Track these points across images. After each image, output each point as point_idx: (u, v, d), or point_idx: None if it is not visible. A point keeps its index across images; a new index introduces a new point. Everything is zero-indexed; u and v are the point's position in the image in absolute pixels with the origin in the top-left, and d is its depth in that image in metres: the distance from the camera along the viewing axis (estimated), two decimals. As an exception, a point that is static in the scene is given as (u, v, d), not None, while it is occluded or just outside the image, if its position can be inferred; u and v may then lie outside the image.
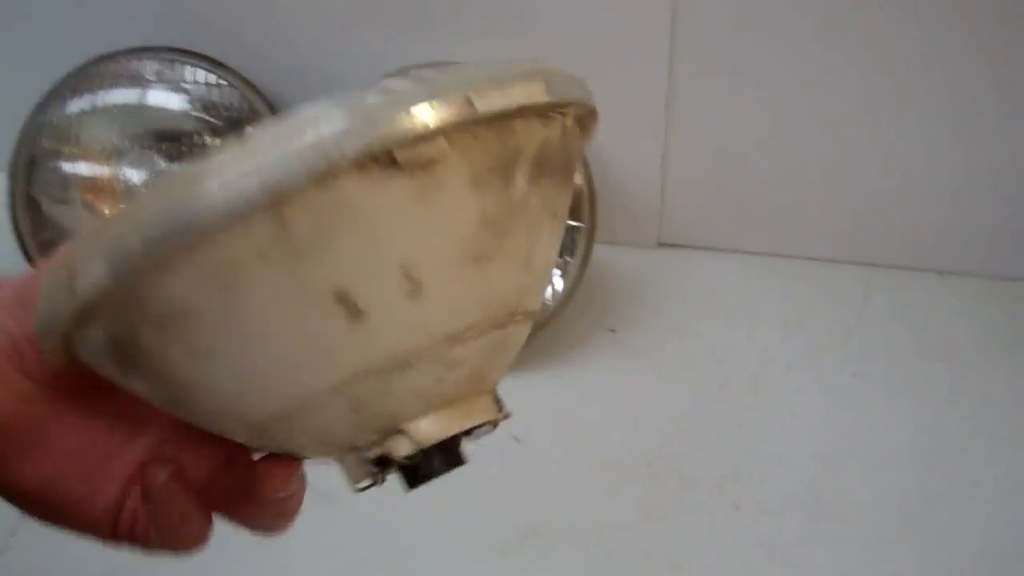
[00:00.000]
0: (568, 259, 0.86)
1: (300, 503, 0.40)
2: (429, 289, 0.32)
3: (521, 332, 0.39)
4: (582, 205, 0.86)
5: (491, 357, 0.37)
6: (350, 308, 0.32)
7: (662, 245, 0.97)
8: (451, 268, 0.33)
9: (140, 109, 0.91)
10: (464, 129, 0.32)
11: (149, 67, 0.91)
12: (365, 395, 0.34)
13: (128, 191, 0.92)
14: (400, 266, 0.32)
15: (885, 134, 0.89)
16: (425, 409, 0.35)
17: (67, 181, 0.92)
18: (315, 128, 0.30)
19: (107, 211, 0.92)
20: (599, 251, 0.89)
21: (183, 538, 0.38)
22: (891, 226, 0.94)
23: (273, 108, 0.92)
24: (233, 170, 0.29)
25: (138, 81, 0.91)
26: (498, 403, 0.39)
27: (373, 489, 0.36)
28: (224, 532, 0.39)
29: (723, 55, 0.88)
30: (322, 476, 0.39)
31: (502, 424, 0.46)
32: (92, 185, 0.92)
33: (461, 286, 0.33)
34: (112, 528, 0.39)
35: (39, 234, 0.91)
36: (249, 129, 0.30)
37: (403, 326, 0.33)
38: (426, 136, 0.31)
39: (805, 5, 0.85)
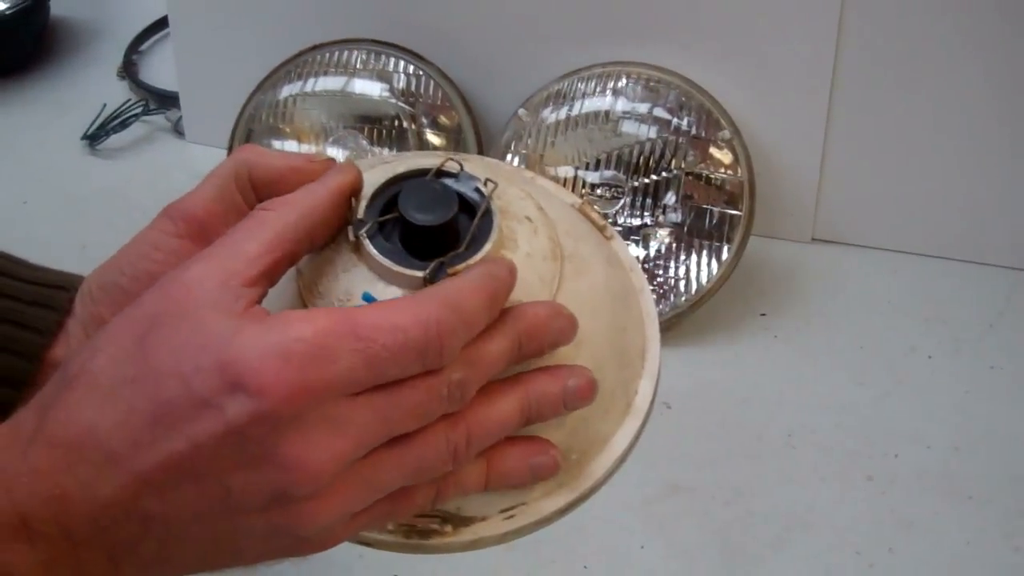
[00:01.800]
0: (724, 244, 0.93)
1: None
2: None
3: None
4: (741, 195, 0.93)
5: None
6: None
7: (815, 240, 1.03)
8: None
9: (346, 95, 1.02)
10: None
11: (356, 57, 1.02)
12: None
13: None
14: None
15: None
16: None
17: (278, 156, 1.03)
18: None
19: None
20: (754, 243, 0.96)
21: None
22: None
23: (464, 98, 1.01)
24: None
25: (345, 69, 1.02)
26: None
27: None
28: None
29: (888, 57, 0.94)
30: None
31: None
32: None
33: None
34: None
35: (252, 201, 1.03)
36: None
37: None
38: None
39: (968, 12, 0.91)
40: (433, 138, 1.01)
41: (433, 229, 0.44)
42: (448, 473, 0.44)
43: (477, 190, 0.47)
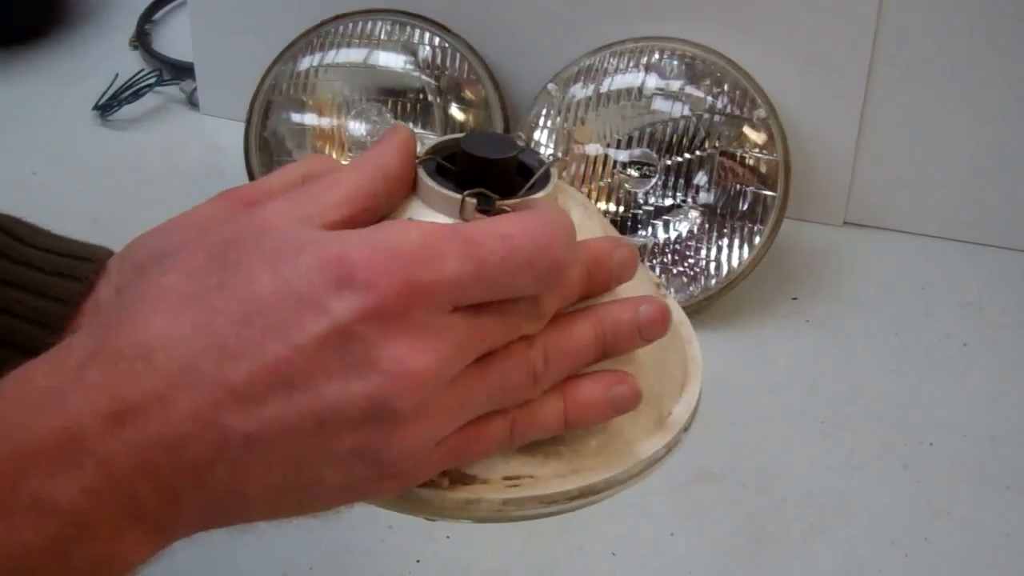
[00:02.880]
0: (756, 226, 0.91)
1: None
2: None
3: None
4: (776, 176, 0.91)
5: None
6: None
7: (848, 224, 1.01)
8: None
9: (369, 67, 0.99)
10: None
11: (380, 28, 1.00)
12: None
13: (351, 140, 1.01)
14: None
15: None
16: None
17: (297, 127, 1.01)
18: None
19: (333, 156, 1.01)
20: (787, 226, 0.94)
21: None
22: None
23: (491, 72, 0.99)
24: None
25: (369, 41, 1.00)
26: None
27: None
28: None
29: (927, 39, 0.93)
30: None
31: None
32: (320, 133, 1.01)
33: None
34: None
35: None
36: None
37: None
38: None
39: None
40: (458, 113, 0.99)
41: (489, 165, 0.43)
42: (524, 405, 0.42)
43: (540, 160, 0.46)
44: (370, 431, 0.37)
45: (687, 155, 0.92)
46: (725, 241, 0.92)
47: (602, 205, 0.94)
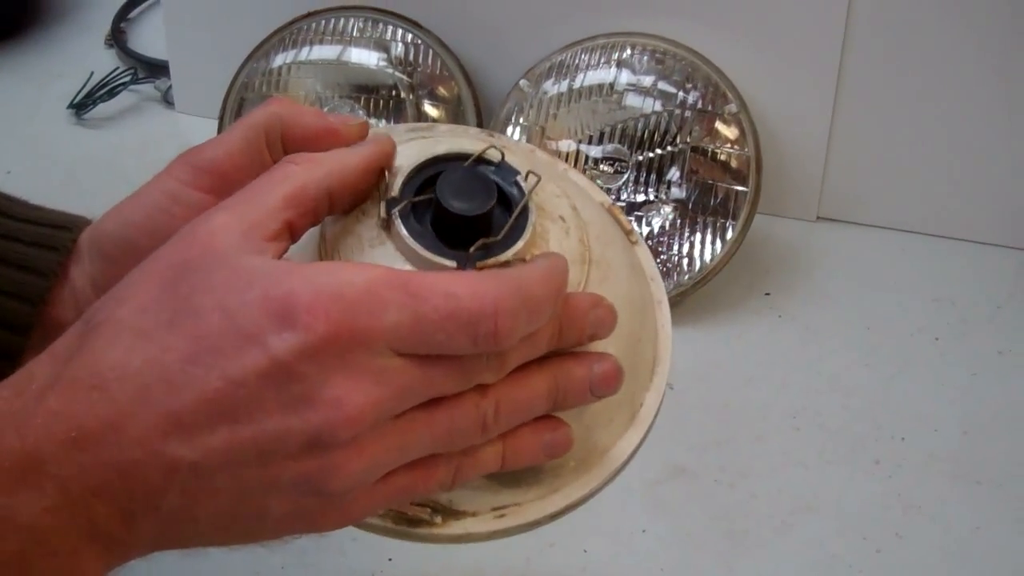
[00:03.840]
0: (729, 222, 0.91)
1: None
2: None
3: None
4: (748, 172, 0.91)
5: None
6: None
7: (821, 219, 1.01)
8: None
9: (342, 63, 0.99)
10: None
11: (352, 25, 1.00)
12: None
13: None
14: None
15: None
16: None
17: (272, 126, 1.01)
18: None
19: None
20: (759, 221, 0.94)
21: None
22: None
23: (463, 68, 0.99)
24: None
25: (341, 38, 1.00)
26: None
27: None
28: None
29: (898, 34, 0.93)
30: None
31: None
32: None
33: None
34: None
35: (243, 173, 1.01)
36: None
37: None
38: None
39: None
40: (431, 109, 0.98)
41: (468, 219, 0.43)
42: (468, 449, 0.43)
43: (516, 183, 0.46)
44: (310, 462, 0.39)
45: (659, 151, 0.92)
46: (698, 236, 0.92)
47: (574, 201, 0.93)
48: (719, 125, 0.92)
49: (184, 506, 0.39)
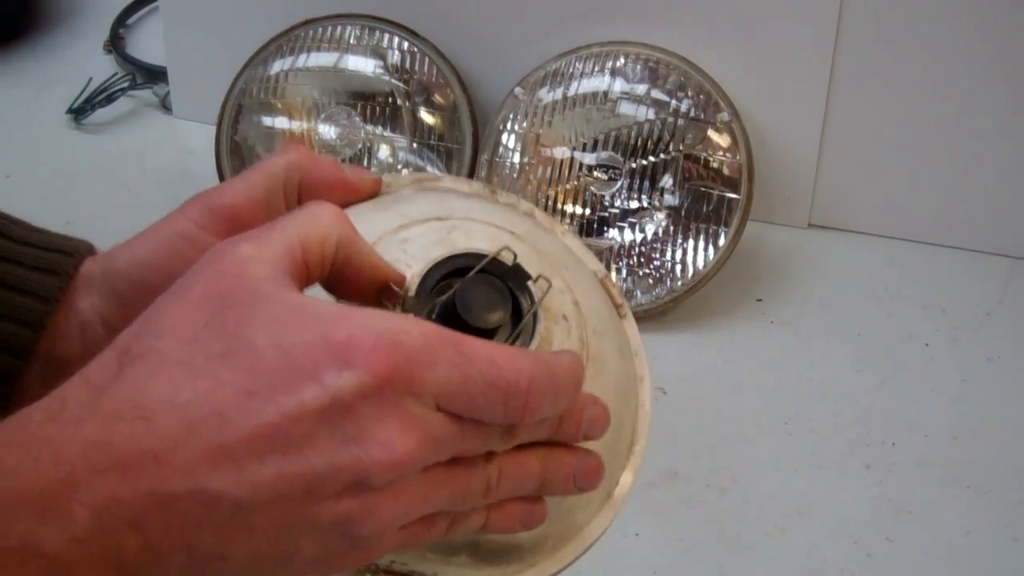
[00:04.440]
0: (721, 228, 0.92)
1: None
2: None
3: None
4: (740, 179, 0.92)
5: None
6: None
7: (812, 226, 1.02)
8: None
9: (339, 71, 1.00)
10: None
11: (349, 33, 1.01)
12: None
13: (321, 143, 1.01)
14: None
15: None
16: None
17: (268, 131, 1.02)
18: None
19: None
20: (751, 228, 0.95)
21: None
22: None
23: (459, 76, 1.00)
24: None
25: (338, 45, 1.00)
26: None
27: None
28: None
29: (888, 43, 0.94)
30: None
31: (650, 376, 0.54)
32: (290, 136, 1.02)
33: None
34: None
35: (241, 178, 1.01)
36: None
37: None
38: None
39: (970, 2, 0.90)
40: (427, 116, 0.99)
41: (483, 333, 0.44)
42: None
43: (528, 290, 0.47)
44: (351, 503, 0.39)
45: (652, 158, 0.93)
46: (690, 243, 0.93)
47: (569, 208, 0.94)
48: (711, 133, 0.93)
49: (217, 544, 0.39)
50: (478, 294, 0.45)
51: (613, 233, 0.94)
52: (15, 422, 0.38)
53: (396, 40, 1.00)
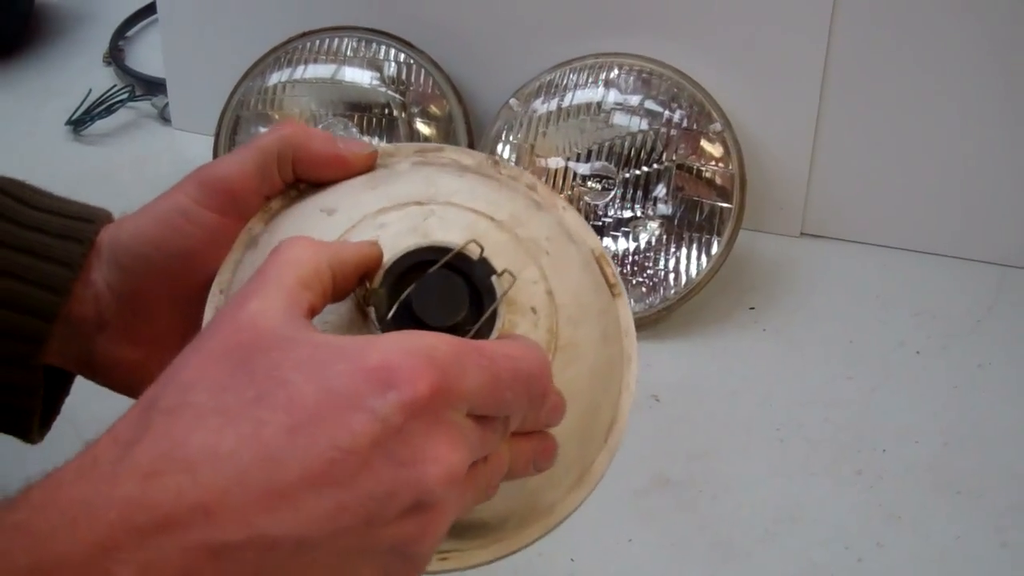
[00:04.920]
0: (714, 237, 0.93)
1: None
2: None
3: None
4: (732, 188, 0.93)
5: None
6: None
7: (804, 235, 1.03)
8: None
9: (336, 82, 1.01)
10: None
11: (346, 45, 1.02)
12: None
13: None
14: None
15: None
16: None
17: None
18: None
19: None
20: (744, 237, 0.96)
21: None
22: (1029, 229, 0.98)
23: (455, 87, 1.01)
24: None
25: (335, 57, 1.02)
26: None
27: None
28: None
29: (879, 52, 0.94)
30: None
31: (642, 385, 0.54)
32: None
33: None
34: None
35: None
36: None
37: None
38: None
39: (960, 10, 0.91)
40: (423, 127, 1.00)
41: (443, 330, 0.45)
42: None
43: (490, 285, 0.47)
44: (410, 524, 0.39)
45: (645, 168, 0.94)
46: (683, 252, 0.93)
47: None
48: (704, 143, 0.94)
49: None
50: (436, 291, 0.45)
51: (607, 242, 0.94)
52: (46, 485, 0.37)
53: (393, 52, 1.01)
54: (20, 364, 0.54)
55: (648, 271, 0.93)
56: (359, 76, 1.01)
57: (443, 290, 0.46)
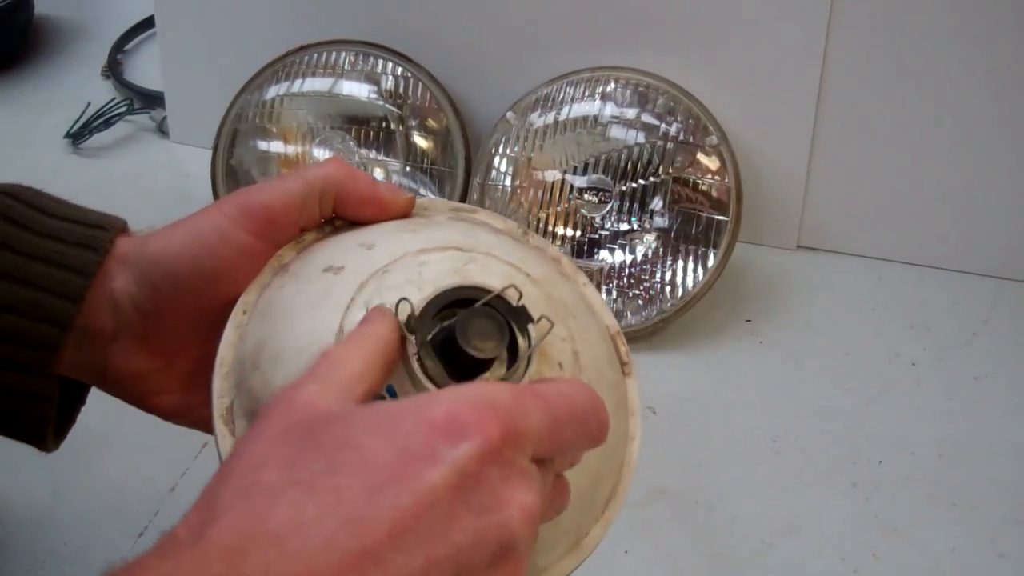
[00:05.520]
0: (710, 250, 0.93)
1: None
2: None
3: None
4: (729, 201, 0.93)
5: None
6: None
7: (801, 247, 1.03)
8: None
9: (333, 96, 1.01)
10: None
11: (344, 58, 1.02)
12: None
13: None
14: None
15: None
16: None
17: (263, 155, 1.03)
18: None
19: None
20: (741, 249, 0.96)
21: None
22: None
23: (452, 100, 1.01)
24: None
25: (333, 70, 1.02)
26: None
27: None
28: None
29: (875, 66, 0.95)
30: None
31: (640, 395, 0.55)
32: (285, 160, 1.03)
33: None
34: None
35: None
36: None
37: None
38: None
39: (955, 24, 0.91)
40: (421, 141, 1.01)
41: (478, 360, 0.46)
42: None
43: (527, 331, 0.48)
44: (502, 568, 0.39)
45: (642, 181, 0.94)
46: (680, 264, 0.94)
47: (560, 230, 0.96)
48: (700, 156, 0.94)
49: None
50: (478, 325, 0.46)
51: (604, 255, 0.95)
52: (132, 569, 0.37)
53: (390, 66, 1.01)
54: (36, 372, 0.54)
55: (645, 283, 0.94)
56: (357, 89, 1.01)
57: (484, 326, 0.46)
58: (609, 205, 0.95)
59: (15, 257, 0.53)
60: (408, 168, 1.01)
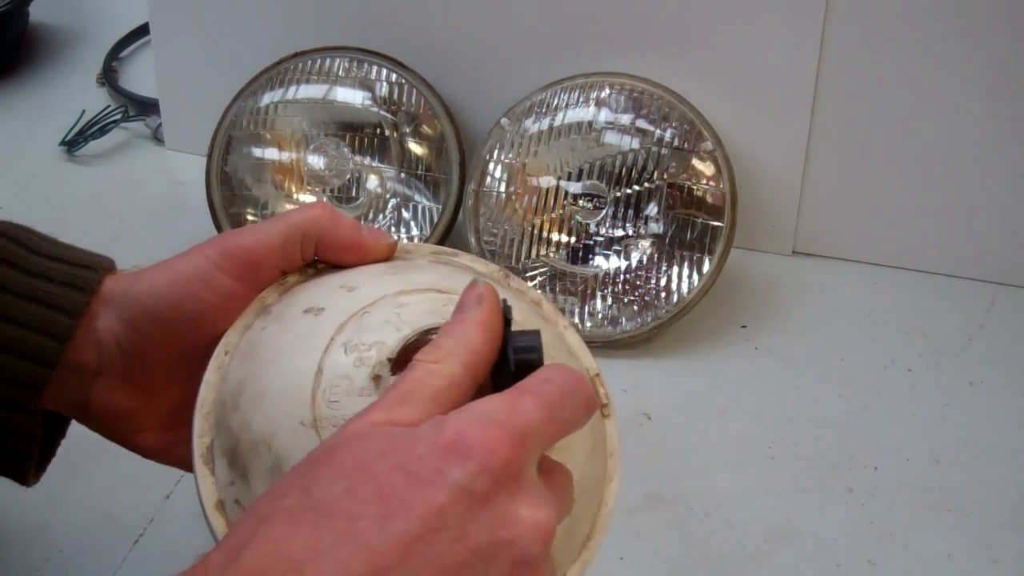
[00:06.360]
0: (705, 256, 0.93)
1: None
2: None
3: None
4: (724, 207, 0.93)
5: None
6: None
7: (796, 253, 1.03)
8: None
9: (328, 102, 1.01)
10: None
11: (338, 65, 1.02)
12: None
13: (310, 174, 1.02)
14: None
15: (1020, 157, 0.95)
16: None
17: (258, 162, 1.03)
18: None
19: (292, 189, 1.02)
20: (736, 255, 0.96)
21: None
22: (1021, 248, 0.99)
23: (446, 107, 1.01)
24: None
25: (327, 77, 1.02)
26: None
27: None
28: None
29: (870, 71, 0.95)
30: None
31: (634, 403, 0.55)
32: (280, 167, 1.03)
33: None
34: None
35: (230, 208, 1.02)
36: None
37: None
38: None
39: (951, 28, 0.91)
40: (415, 147, 1.00)
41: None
42: None
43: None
44: None
45: (637, 187, 0.94)
46: (675, 270, 0.94)
47: (554, 236, 0.96)
48: (695, 162, 0.94)
49: None
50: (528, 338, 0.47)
51: (598, 260, 0.95)
52: None
53: (384, 72, 1.01)
54: (20, 409, 0.54)
55: (640, 289, 0.93)
56: (351, 96, 1.01)
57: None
58: (604, 211, 0.95)
59: (4, 296, 0.54)
60: (403, 174, 1.01)
